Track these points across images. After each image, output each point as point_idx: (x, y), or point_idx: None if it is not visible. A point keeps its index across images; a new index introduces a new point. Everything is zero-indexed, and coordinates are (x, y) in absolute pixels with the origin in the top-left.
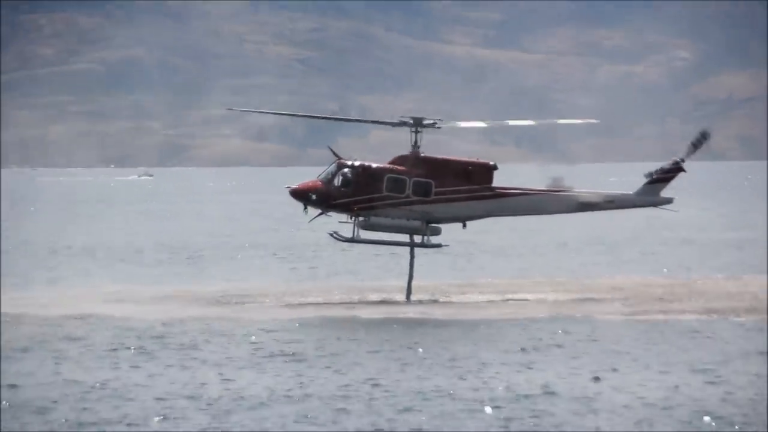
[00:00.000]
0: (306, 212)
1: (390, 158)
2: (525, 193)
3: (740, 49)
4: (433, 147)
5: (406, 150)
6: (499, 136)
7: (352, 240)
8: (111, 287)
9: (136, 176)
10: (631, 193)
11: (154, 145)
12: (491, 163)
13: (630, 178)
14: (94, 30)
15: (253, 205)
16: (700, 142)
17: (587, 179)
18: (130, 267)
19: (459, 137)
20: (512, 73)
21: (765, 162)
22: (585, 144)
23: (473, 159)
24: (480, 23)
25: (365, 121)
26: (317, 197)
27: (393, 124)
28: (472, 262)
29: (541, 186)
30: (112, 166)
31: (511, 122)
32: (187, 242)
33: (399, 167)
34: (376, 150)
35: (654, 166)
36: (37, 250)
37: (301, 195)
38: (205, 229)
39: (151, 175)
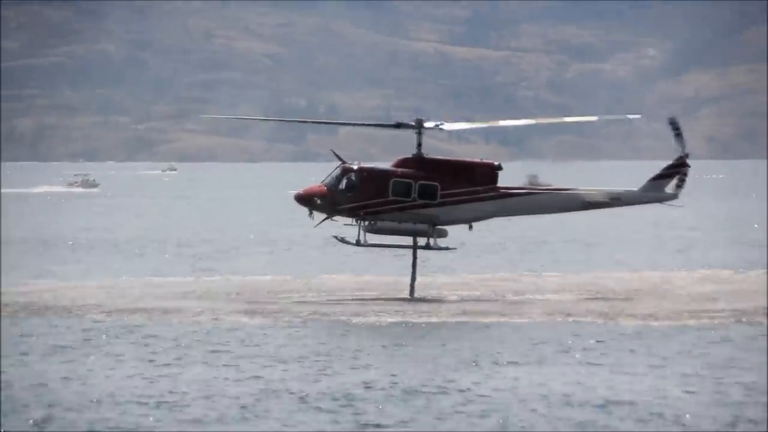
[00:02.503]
0: (311, 217)
1: (359, 154)
2: (530, 193)
3: (707, 48)
4: (408, 146)
5: (381, 146)
6: (469, 133)
7: (357, 244)
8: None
9: (159, 171)
10: (635, 189)
11: (123, 140)
12: (496, 163)
13: (600, 176)
14: (63, 24)
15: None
16: (676, 129)
17: (561, 177)
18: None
19: (428, 135)
20: (479, 70)
21: (730, 161)
22: (551, 141)
23: (477, 159)
24: (447, 20)
25: (365, 125)
26: (322, 202)
27: (392, 127)
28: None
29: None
30: (81, 160)
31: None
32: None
33: (404, 170)
34: (344, 146)
35: (620, 164)
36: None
37: (307, 200)
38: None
39: (175, 170)
